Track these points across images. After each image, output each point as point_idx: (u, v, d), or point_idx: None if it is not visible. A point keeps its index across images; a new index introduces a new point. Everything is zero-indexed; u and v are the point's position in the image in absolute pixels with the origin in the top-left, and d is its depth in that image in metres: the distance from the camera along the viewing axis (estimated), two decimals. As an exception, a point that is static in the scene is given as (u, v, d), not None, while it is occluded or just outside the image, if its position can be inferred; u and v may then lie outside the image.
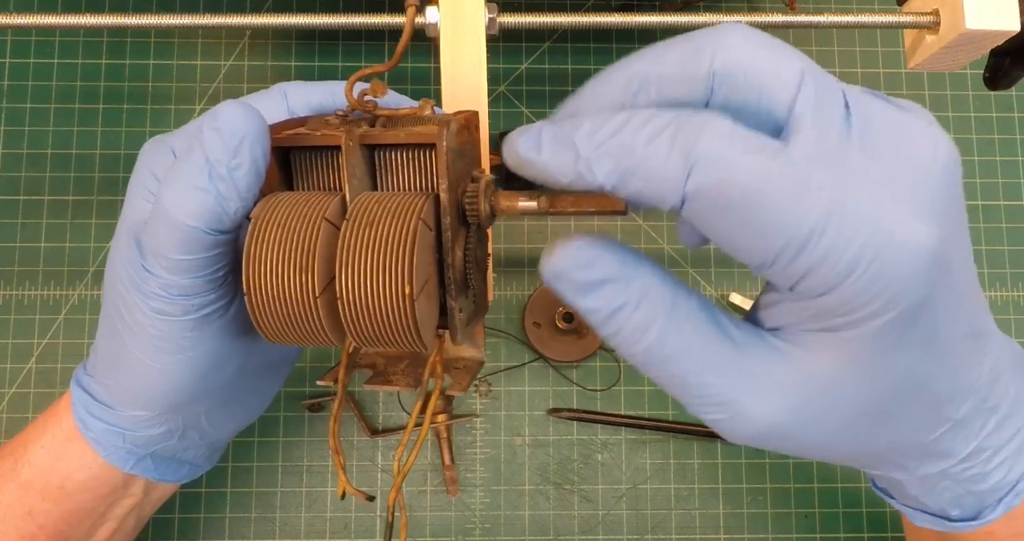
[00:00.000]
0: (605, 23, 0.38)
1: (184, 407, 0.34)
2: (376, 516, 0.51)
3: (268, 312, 0.27)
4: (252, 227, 0.27)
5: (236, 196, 0.28)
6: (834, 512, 0.52)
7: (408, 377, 0.34)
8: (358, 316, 0.26)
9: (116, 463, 0.35)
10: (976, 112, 0.56)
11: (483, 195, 0.29)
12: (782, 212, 0.21)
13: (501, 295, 0.53)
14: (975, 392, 0.27)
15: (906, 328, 0.23)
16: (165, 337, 0.30)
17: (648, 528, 0.51)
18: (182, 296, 0.29)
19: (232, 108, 0.28)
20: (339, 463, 0.32)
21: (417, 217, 0.26)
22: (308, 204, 0.28)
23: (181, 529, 0.50)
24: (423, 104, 0.31)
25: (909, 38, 0.41)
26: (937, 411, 0.26)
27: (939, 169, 0.23)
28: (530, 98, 0.55)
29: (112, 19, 0.37)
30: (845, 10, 0.50)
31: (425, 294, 0.27)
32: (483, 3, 0.37)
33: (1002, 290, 0.54)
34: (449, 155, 0.27)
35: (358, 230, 0.26)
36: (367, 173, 0.30)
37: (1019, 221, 0.55)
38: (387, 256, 0.26)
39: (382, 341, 0.27)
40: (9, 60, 0.54)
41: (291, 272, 0.26)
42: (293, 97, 0.34)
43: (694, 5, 0.54)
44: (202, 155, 0.28)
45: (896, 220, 0.21)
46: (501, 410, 0.52)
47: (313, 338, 0.28)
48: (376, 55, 0.55)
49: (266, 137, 0.28)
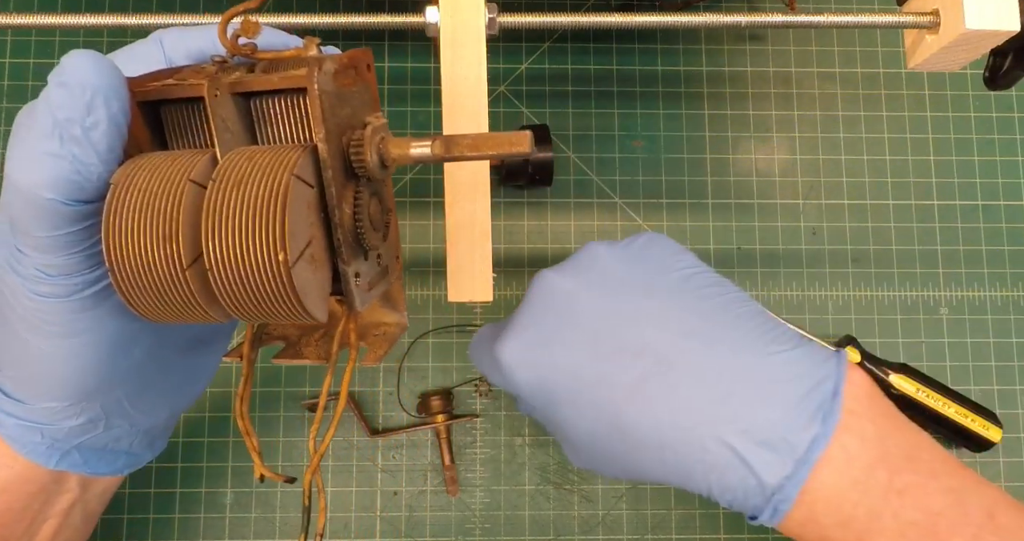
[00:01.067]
0: (605, 23, 0.38)
1: (97, 394, 0.31)
2: (376, 516, 0.51)
3: (136, 288, 0.24)
4: (110, 194, 0.24)
5: (96, 159, 0.25)
6: (834, 512, 0.52)
7: (319, 349, 0.31)
8: (231, 287, 0.23)
9: (38, 460, 0.33)
10: (976, 112, 0.56)
11: (370, 143, 0.25)
12: None
13: (501, 295, 0.53)
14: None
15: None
16: (55, 321, 0.28)
17: (648, 528, 0.51)
18: (62, 276, 0.27)
19: (80, 59, 0.25)
20: (251, 445, 0.30)
21: (289, 172, 0.23)
22: (174, 164, 0.24)
23: (181, 529, 0.50)
24: (308, 43, 0.27)
25: (909, 38, 0.41)
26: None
27: (527, 296, 0.35)
28: (530, 98, 0.55)
29: (112, 19, 0.37)
30: (845, 10, 0.50)
31: (307, 258, 0.24)
32: (483, 3, 0.37)
33: (1002, 290, 0.54)
34: (325, 99, 0.24)
35: (225, 191, 0.23)
36: (243, 126, 0.27)
37: (1019, 221, 0.55)
38: (257, 219, 0.23)
39: (263, 314, 0.24)
40: (9, 60, 0.54)
41: (155, 242, 0.23)
42: (170, 44, 0.31)
43: (694, 5, 0.54)
44: (49, 116, 0.24)
45: (496, 347, 0.34)
46: (501, 410, 0.52)
47: (191, 314, 0.25)
48: (376, 55, 0.55)
49: (124, 89, 0.25)
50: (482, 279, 0.37)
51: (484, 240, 0.37)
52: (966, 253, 0.55)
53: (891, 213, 0.55)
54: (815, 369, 0.32)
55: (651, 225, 0.54)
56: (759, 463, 0.30)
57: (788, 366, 0.31)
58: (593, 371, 0.32)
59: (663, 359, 0.32)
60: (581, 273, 0.34)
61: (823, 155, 0.56)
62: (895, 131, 0.56)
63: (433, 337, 0.53)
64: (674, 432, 0.31)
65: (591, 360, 0.32)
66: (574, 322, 0.33)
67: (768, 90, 0.56)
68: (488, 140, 0.25)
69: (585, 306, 0.33)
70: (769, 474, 0.30)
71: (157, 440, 0.38)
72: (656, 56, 0.56)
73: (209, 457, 0.51)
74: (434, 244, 0.53)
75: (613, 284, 0.34)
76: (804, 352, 0.32)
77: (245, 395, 0.30)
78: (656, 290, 0.33)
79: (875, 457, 0.30)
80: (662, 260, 0.35)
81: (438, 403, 0.51)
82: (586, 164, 0.55)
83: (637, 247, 0.35)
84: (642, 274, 0.34)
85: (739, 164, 0.55)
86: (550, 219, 0.54)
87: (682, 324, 0.32)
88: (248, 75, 0.26)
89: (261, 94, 0.27)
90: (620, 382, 0.32)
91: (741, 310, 0.33)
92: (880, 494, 0.30)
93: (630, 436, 0.32)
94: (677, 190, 0.55)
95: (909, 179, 0.55)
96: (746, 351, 0.32)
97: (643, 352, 0.32)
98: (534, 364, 0.33)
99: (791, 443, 0.30)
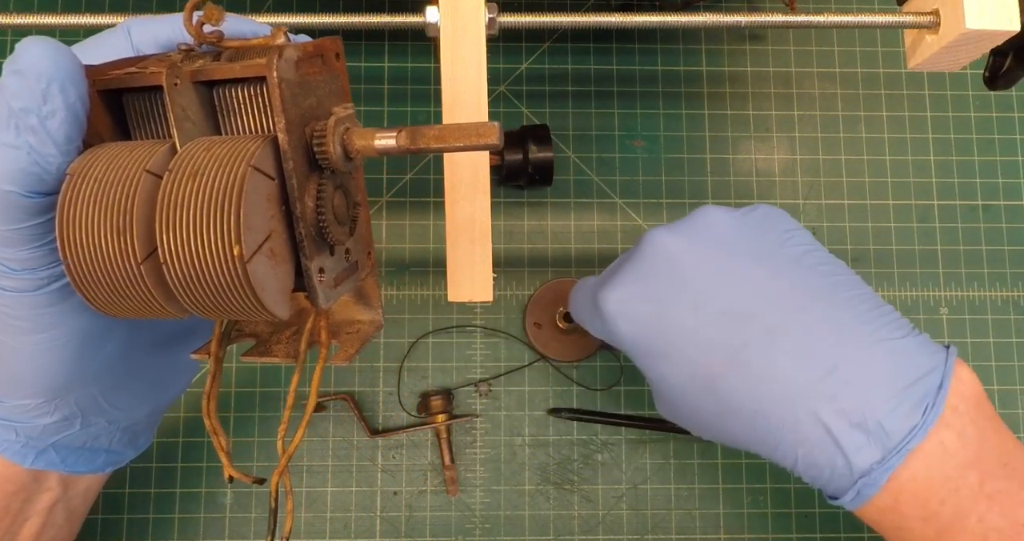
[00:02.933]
0: (605, 23, 0.38)
1: (70, 390, 0.31)
2: (376, 516, 0.51)
3: (92, 282, 0.24)
4: (66, 184, 0.24)
5: (55, 150, 0.24)
6: (834, 512, 0.52)
7: (289, 347, 0.30)
8: (187, 283, 0.23)
9: (14, 459, 0.32)
10: (976, 112, 0.56)
11: (332, 134, 0.25)
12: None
13: (501, 295, 0.53)
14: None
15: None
16: (21, 315, 0.27)
17: (648, 528, 0.51)
18: (27, 271, 0.26)
19: (35, 46, 0.24)
20: (219, 445, 0.29)
21: (246, 164, 0.22)
22: (131, 155, 0.24)
23: (181, 528, 0.50)
24: (275, 32, 0.26)
25: (909, 38, 0.41)
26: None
27: (636, 251, 0.36)
28: (530, 98, 0.55)
29: (112, 19, 0.37)
30: (845, 10, 0.50)
31: (265, 253, 0.23)
32: (483, 3, 0.37)
33: (1002, 290, 0.54)
34: (286, 88, 0.24)
35: (180, 182, 0.22)
36: (205, 115, 0.26)
37: (1019, 221, 0.55)
38: (212, 211, 0.22)
39: (221, 310, 0.24)
40: (9, 60, 0.54)
41: (109, 235, 0.23)
42: (138, 34, 0.30)
43: (694, 5, 0.54)
44: (4, 105, 0.24)
45: (599, 296, 0.35)
46: (501, 410, 0.52)
47: (149, 309, 0.24)
48: (376, 55, 0.55)
49: (82, 78, 0.25)
50: (482, 279, 0.37)
51: (484, 240, 0.37)
52: (966, 253, 0.55)
53: (891, 213, 0.55)
54: (923, 360, 0.31)
55: (651, 225, 0.54)
56: (851, 445, 0.30)
57: (896, 354, 0.31)
58: (695, 331, 0.33)
59: (769, 328, 0.32)
60: (695, 235, 0.35)
61: (823, 155, 0.56)
62: (895, 131, 0.56)
63: (433, 337, 0.53)
64: (770, 401, 0.31)
65: (695, 320, 0.33)
66: (682, 281, 0.33)
67: (768, 90, 0.56)
68: (454, 131, 0.24)
69: (695, 267, 0.34)
70: (859, 458, 0.30)
71: (138, 437, 0.37)
72: (656, 56, 0.56)
73: (209, 457, 0.51)
74: (434, 244, 0.53)
75: (726, 249, 0.34)
76: (914, 342, 0.32)
77: (212, 393, 0.29)
78: (769, 261, 0.34)
79: (970, 458, 0.30)
80: (778, 233, 0.35)
81: (438, 403, 0.51)
82: (586, 164, 0.55)
83: (755, 218, 0.36)
84: (757, 244, 0.34)
85: (739, 164, 0.55)
86: (550, 219, 0.54)
87: (792, 298, 0.32)
88: (211, 63, 0.25)
89: (224, 83, 0.26)
90: (721, 345, 0.32)
91: (852, 293, 0.33)
92: (969, 495, 0.30)
93: (724, 399, 0.32)
94: (677, 190, 0.55)
95: (909, 179, 0.55)
96: (855, 333, 0.32)
97: (750, 319, 0.32)
98: (637, 317, 0.34)
99: (887, 430, 0.30)
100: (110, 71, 0.26)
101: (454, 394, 0.52)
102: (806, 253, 0.35)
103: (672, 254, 0.34)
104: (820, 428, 0.30)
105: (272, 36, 0.26)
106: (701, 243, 0.34)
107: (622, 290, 0.34)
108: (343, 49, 0.28)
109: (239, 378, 0.52)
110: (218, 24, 0.26)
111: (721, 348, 0.32)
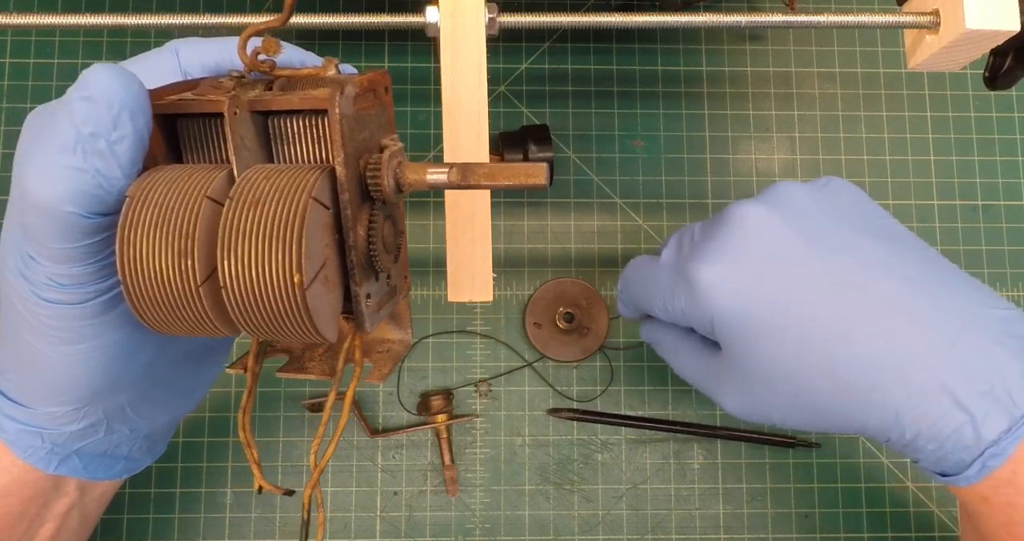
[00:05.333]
0: (605, 23, 0.38)
1: (100, 400, 0.31)
2: (376, 516, 0.51)
3: (148, 302, 0.24)
4: (126, 207, 0.24)
5: (120, 173, 0.25)
6: (834, 512, 0.52)
7: (324, 364, 0.31)
8: (245, 306, 0.23)
9: (37, 465, 0.33)
10: (976, 112, 0.56)
11: (387, 167, 0.25)
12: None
13: (501, 295, 0.53)
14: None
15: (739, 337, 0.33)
16: (64, 327, 0.28)
17: (648, 528, 0.51)
18: (75, 286, 0.27)
19: (105, 73, 0.25)
20: (252, 457, 0.30)
21: (307, 195, 0.23)
22: (190, 180, 0.24)
23: (181, 528, 0.50)
24: (326, 63, 0.27)
25: (909, 38, 0.41)
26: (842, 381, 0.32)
27: (724, 224, 0.34)
28: (530, 98, 0.55)
29: (112, 19, 0.37)
30: (845, 10, 0.50)
31: (320, 280, 0.24)
32: (483, 3, 0.37)
33: (1002, 290, 0.54)
34: (346, 123, 0.25)
35: (242, 210, 0.23)
36: (260, 143, 0.27)
37: (1019, 221, 0.55)
38: (274, 240, 0.23)
39: (275, 332, 0.24)
40: (9, 60, 0.54)
41: (170, 258, 0.24)
42: (186, 56, 0.31)
43: (694, 5, 0.54)
44: (71, 129, 0.24)
45: (692, 269, 0.34)
46: (501, 410, 0.52)
47: (202, 329, 0.25)
48: (376, 55, 0.55)
49: (148, 104, 0.25)
50: (482, 279, 0.37)
51: (484, 240, 0.37)
52: (966, 253, 0.55)
53: (891, 213, 0.55)
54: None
55: (651, 225, 0.54)
56: (981, 413, 0.30)
57: (1010, 322, 0.31)
58: (809, 304, 0.32)
59: (889, 300, 0.31)
60: (783, 207, 0.34)
61: (823, 155, 0.56)
62: (895, 131, 0.56)
63: (433, 338, 0.53)
64: (891, 373, 0.31)
65: (808, 293, 0.32)
66: (787, 254, 0.32)
67: (768, 90, 0.56)
68: (504, 170, 0.25)
69: (796, 239, 0.33)
70: (989, 426, 0.30)
71: (156, 445, 0.38)
72: (656, 56, 0.56)
73: (209, 457, 0.51)
74: (434, 244, 0.53)
75: (819, 222, 0.33)
76: (1015, 313, 0.32)
77: (248, 407, 0.29)
78: (865, 233, 0.33)
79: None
80: (861, 206, 0.35)
81: (438, 403, 0.51)
82: (586, 164, 0.55)
83: (831, 191, 0.35)
84: (847, 217, 0.34)
85: (739, 164, 0.55)
86: (550, 219, 0.54)
87: (899, 268, 0.32)
88: (267, 94, 0.26)
89: (279, 113, 0.27)
90: (840, 317, 0.31)
91: (946, 265, 0.33)
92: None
93: (837, 374, 0.31)
94: (677, 190, 0.55)
95: (909, 179, 0.55)
96: (970, 303, 0.32)
97: (866, 290, 0.31)
98: (741, 292, 0.33)
99: (1013, 398, 0.30)
100: (166, 95, 0.27)
101: (454, 394, 0.52)
102: (892, 225, 0.34)
103: (769, 225, 0.33)
104: (947, 398, 0.30)
105: (323, 67, 0.27)
106: (793, 216, 0.33)
107: (720, 264, 0.33)
108: (391, 83, 0.29)
109: (239, 379, 0.52)
110: (275, 56, 0.26)
111: (838, 320, 0.31)
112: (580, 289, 0.53)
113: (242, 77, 0.28)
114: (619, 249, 0.54)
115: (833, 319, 0.31)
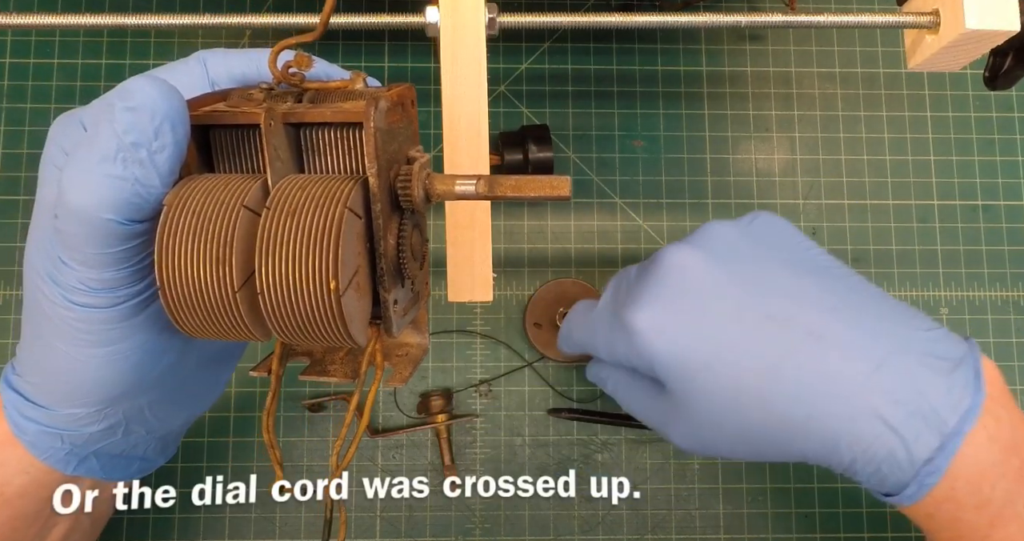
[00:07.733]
0: (605, 23, 0.38)
1: (121, 402, 0.32)
2: (376, 516, 0.51)
3: (185, 307, 0.25)
4: (164, 215, 0.25)
5: (159, 182, 0.26)
6: (834, 512, 0.52)
7: (346, 367, 0.32)
8: (281, 312, 0.24)
9: (56, 466, 0.33)
10: (976, 112, 0.56)
11: (417, 178, 0.27)
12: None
13: (501, 295, 0.53)
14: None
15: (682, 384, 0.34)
16: (92, 330, 0.28)
17: (648, 528, 0.51)
18: (106, 290, 0.27)
19: (148, 85, 0.25)
20: (275, 458, 0.30)
21: (343, 205, 0.24)
22: (226, 189, 0.25)
23: (181, 528, 0.50)
24: (354, 76, 0.29)
25: (909, 38, 0.41)
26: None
27: (656, 268, 0.35)
28: (530, 98, 0.55)
29: (112, 19, 0.37)
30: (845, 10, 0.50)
31: (353, 287, 0.25)
32: (483, 3, 0.37)
33: (1002, 290, 0.54)
34: (379, 136, 0.25)
35: (279, 219, 0.24)
36: (292, 154, 0.28)
37: (1019, 221, 0.55)
38: (310, 248, 0.24)
39: (309, 337, 0.25)
40: (9, 60, 0.54)
41: (207, 264, 0.24)
42: (214, 67, 0.32)
43: (694, 5, 0.54)
44: (113, 138, 0.25)
45: (627, 315, 0.34)
46: (501, 410, 0.52)
47: (236, 333, 0.26)
48: (376, 55, 0.55)
49: (187, 115, 0.26)
50: (482, 279, 0.37)
51: (484, 240, 0.37)
52: (966, 253, 0.55)
53: (891, 213, 0.55)
54: (956, 348, 0.32)
55: (651, 225, 0.54)
56: (911, 434, 0.30)
57: (933, 343, 0.32)
58: (738, 341, 0.32)
59: (812, 330, 0.32)
60: (712, 248, 0.35)
61: (823, 155, 0.56)
62: (895, 131, 0.56)
63: (433, 338, 0.53)
64: (824, 402, 0.31)
65: (736, 330, 0.32)
66: (716, 293, 0.33)
67: (768, 90, 0.56)
68: (530, 183, 0.26)
69: (724, 278, 0.33)
70: (919, 446, 0.30)
71: (169, 446, 0.38)
72: (656, 56, 0.56)
73: (209, 457, 0.51)
74: (434, 244, 0.53)
75: (746, 259, 0.34)
76: (942, 332, 0.33)
77: (271, 409, 0.30)
78: (791, 266, 0.34)
79: (1009, 442, 0.31)
80: (787, 240, 0.36)
81: (438, 403, 0.51)
82: (586, 164, 0.55)
83: (759, 226, 0.36)
84: (772, 252, 0.35)
85: (739, 164, 0.55)
86: (550, 219, 0.54)
87: (823, 300, 0.33)
88: (299, 106, 0.27)
89: (311, 124, 0.28)
90: (767, 352, 0.32)
91: (872, 291, 0.34)
92: (1015, 478, 0.30)
93: (773, 407, 0.32)
94: (677, 190, 0.55)
95: (909, 179, 0.55)
96: (892, 326, 0.32)
97: (791, 323, 0.32)
98: (675, 332, 0.33)
99: (941, 416, 0.30)
100: (199, 106, 0.28)
101: (454, 394, 0.52)
102: (818, 256, 0.35)
103: (698, 267, 0.34)
104: (878, 422, 0.30)
105: (352, 80, 0.28)
106: (721, 255, 0.34)
107: (653, 307, 0.34)
108: (416, 96, 0.30)
109: (236, 380, 0.52)
110: (306, 70, 0.28)
111: (768, 355, 0.32)
112: (580, 289, 0.53)
113: (271, 89, 0.28)
114: (619, 249, 0.54)
115: (762, 354, 0.32)
